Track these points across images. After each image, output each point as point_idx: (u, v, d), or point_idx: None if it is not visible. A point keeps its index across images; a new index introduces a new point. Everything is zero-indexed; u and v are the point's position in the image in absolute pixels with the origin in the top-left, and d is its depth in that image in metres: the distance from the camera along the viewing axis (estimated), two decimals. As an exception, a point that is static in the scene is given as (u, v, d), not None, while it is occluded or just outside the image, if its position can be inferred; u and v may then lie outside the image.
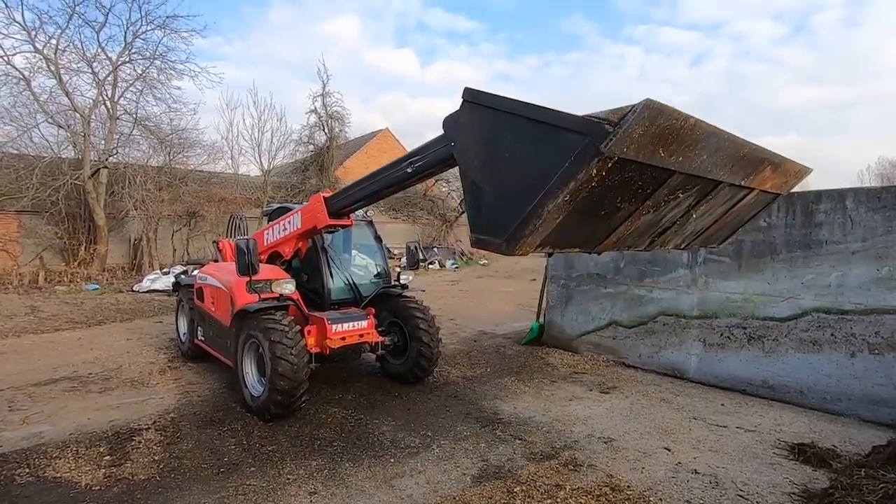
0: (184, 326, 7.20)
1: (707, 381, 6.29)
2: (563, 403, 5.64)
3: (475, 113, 2.80)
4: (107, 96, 16.38)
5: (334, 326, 5.26)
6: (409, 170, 3.83)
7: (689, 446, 4.56)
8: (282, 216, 5.79)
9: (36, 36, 15.19)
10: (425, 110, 79.89)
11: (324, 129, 22.85)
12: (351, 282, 5.97)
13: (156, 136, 17.25)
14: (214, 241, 8.17)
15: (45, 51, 15.25)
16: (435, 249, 22.52)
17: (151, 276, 14.31)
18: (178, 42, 20.24)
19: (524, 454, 4.35)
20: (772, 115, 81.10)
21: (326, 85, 22.35)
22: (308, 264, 5.96)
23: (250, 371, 5.19)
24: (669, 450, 4.48)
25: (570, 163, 2.28)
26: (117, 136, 16.70)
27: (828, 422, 5.11)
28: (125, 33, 16.27)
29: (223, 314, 5.81)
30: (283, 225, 5.69)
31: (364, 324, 5.52)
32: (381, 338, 5.74)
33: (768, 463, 4.25)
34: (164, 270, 15.20)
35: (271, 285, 5.14)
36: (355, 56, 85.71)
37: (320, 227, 5.13)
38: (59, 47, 15.38)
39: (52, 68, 15.29)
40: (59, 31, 15.58)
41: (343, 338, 5.32)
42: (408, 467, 4.10)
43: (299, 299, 5.45)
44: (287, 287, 5.21)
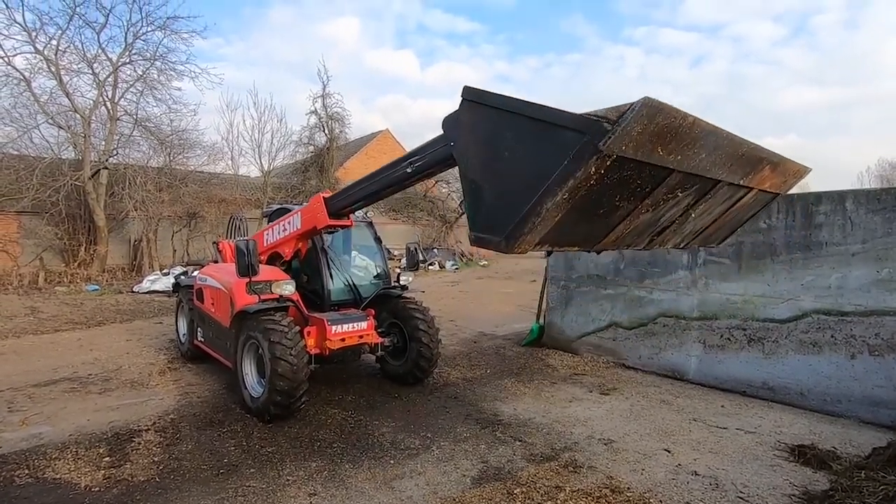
0: (183, 327, 7.19)
1: (707, 382, 6.28)
2: (563, 405, 5.63)
3: (475, 111, 2.80)
4: (107, 97, 16.41)
5: (334, 327, 5.25)
6: (409, 170, 3.83)
7: (689, 448, 4.55)
8: (282, 217, 5.79)
9: (36, 37, 15.25)
10: (425, 111, 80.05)
11: (324, 130, 22.91)
12: (351, 283, 5.97)
13: (156, 136, 17.28)
14: (214, 242, 8.16)
15: (46, 52, 15.30)
16: (435, 250, 22.53)
17: (151, 277, 14.31)
18: (179, 43, 20.23)
19: (524, 456, 4.35)
20: (772, 116, 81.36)
21: (327, 86, 22.45)
22: (308, 265, 5.96)
23: (250, 372, 5.19)
24: (669, 451, 4.47)
25: (569, 161, 2.28)
26: (117, 137, 16.74)
27: (828, 423, 5.11)
28: (126, 34, 16.35)
29: (223, 315, 5.81)
30: (283, 225, 5.68)
31: (364, 325, 5.51)
32: (380, 339, 5.74)
33: (768, 464, 4.24)
34: (164, 271, 15.21)
35: (271, 286, 5.13)
36: (355, 57, 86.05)
37: (320, 227, 5.13)
38: (60, 48, 15.44)
39: (53, 69, 15.32)
40: (60, 31, 15.65)
41: (343, 339, 5.32)
42: (407, 469, 4.09)
43: (299, 300, 5.44)
44: (287, 288, 5.21)
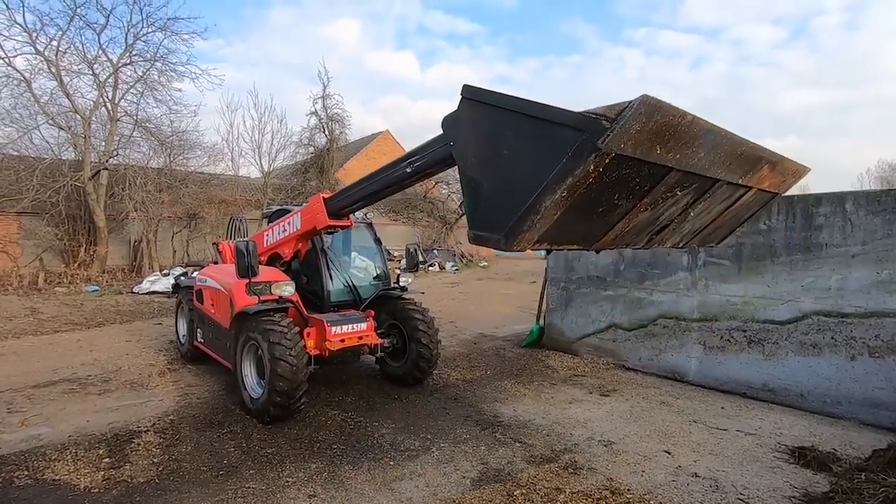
0: (183, 328, 7.18)
1: (707, 384, 6.27)
2: (563, 406, 5.62)
3: (474, 110, 2.80)
4: (107, 98, 16.43)
5: (333, 328, 5.24)
6: (409, 170, 3.83)
7: (689, 449, 4.54)
8: (281, 218, 5.79)
9: (37, 38, 15.27)
10: (425, 112, 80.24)
11: (324, 131, 22.93)
12: (350, 284, 5.96)
13: (156, 137, 17.29)
14: (214, 243, 8.15)
15: (46, 52, 15.33)
16: (435, 251, 22.55)
17: (151, 278, 14.31)
18: (179, 44, 20.35)
19: (524, 457, 4.34)
20: (772, 118, 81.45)
21: (327, 87, 22.52)
22: (308, 266, 5.96)
23: (249, 373, 5.18)
24: (669, 453, 4.46)
25: (568, 159, 2.28)
26: (118, 138, 16.75)
27: (828, 425, 5.10)
28: (126, 35, 16.38)
29: (223, 316, 5.80)
30: (283, 226, 5.68)
31: (363, 326, 5.50)
32: (380, 340, 5.73)
33: (769, 466, 4.23)
34: (164, 272, 15.21)
35: (271, 287, 5.13)
36: (356, 58, 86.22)
37: (320, 227, 5.13)
38: (60, 49, 15.46)
39: (53, 70, 15.34)
40: (61, 32, 15.66)
41: (342, 340, 5.30)
42: (407, 470, 4.08)
43: (299, 301, 5.44)
44: (286, 289, 5.21)
